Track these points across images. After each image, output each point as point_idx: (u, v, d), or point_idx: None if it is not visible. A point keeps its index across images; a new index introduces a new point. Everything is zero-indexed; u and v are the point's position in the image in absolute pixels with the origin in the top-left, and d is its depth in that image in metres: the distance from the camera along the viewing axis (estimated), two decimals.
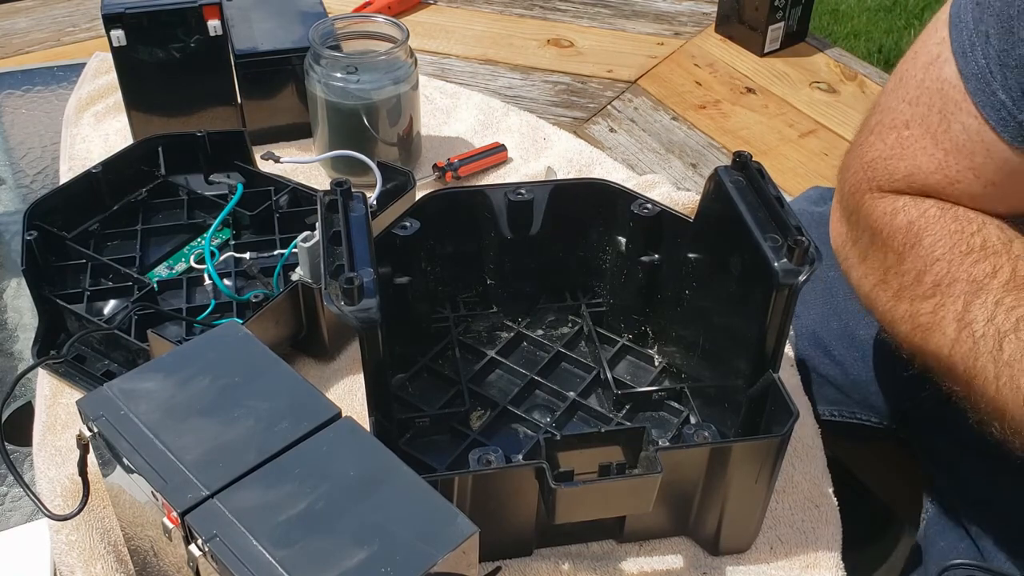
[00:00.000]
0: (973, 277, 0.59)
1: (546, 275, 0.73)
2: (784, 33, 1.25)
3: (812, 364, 0.82)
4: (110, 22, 0.87)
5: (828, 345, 0.81)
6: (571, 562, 0.61)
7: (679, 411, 0.68)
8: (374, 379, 0.55)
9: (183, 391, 0.50)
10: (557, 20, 1.33)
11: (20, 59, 1.19)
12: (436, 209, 0.68)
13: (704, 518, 0.60)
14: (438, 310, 0.73)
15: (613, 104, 1.16)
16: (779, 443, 0.56)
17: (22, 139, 1.06)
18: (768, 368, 0.59)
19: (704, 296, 0.66)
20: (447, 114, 1.05)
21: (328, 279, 0.53)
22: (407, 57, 0.89)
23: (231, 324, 0.55)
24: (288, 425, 0.48)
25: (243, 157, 0.85)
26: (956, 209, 0.62)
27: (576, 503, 0.54)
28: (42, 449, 0.67)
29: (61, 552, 0.60)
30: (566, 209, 0.70)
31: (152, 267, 0.78)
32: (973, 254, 0.59)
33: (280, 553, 0.42)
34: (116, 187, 0.82)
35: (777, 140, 1.11)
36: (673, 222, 0.67)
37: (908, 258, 0.62)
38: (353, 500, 0.45)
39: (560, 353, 0.72)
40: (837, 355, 0.81)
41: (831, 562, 0.62)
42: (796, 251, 0.55)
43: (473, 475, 0.54)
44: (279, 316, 0.70)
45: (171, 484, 0.45)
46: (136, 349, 0.69)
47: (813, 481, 0.67)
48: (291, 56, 0.92)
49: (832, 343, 0.81)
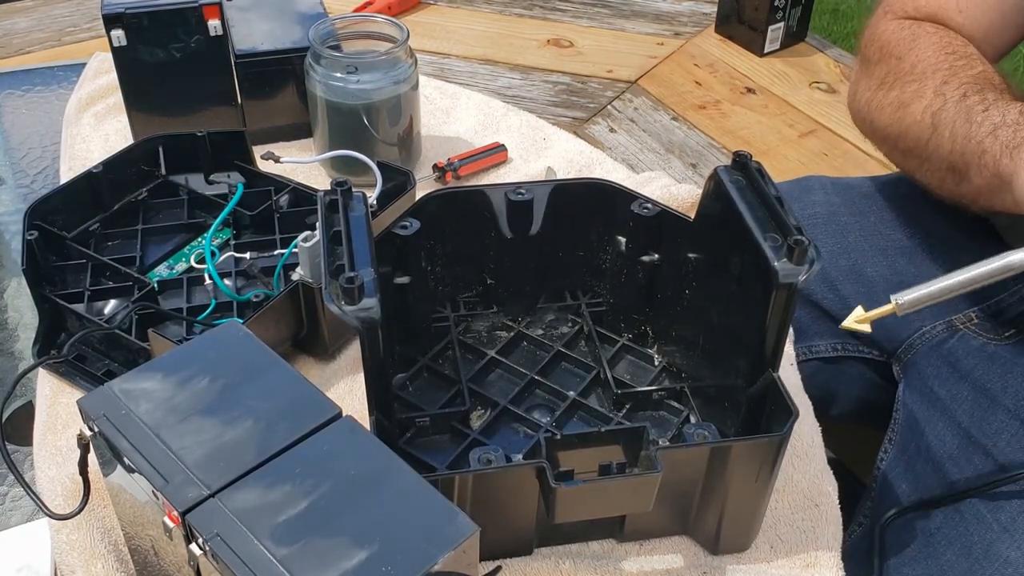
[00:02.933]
0: (954, 68, 0.72)
1: (546, 275, 0.73)
2: (784, 33, 1.25)
3: (817, 299, 0.85)
4: (110, 22, 0.87)
5: (835, 281, 0.84)
6: (571, 561, 0.61)
7: (679, 410, 0.68)
8: (374, 379, 0.55)
9: (184, 390, 0.50)
10: (557, 20, 1.33)
11: (20, 59, 1.19)
12: (436, 209, 0.68)
13: (704, 517, 0.60)
14: (438, 310, 0.73)
15: (613, 104, 1.16)
16: (779, 442, 0.56)
17: (22, 139, 1.06)
18: (768, 368, 0.59)
19: (704, 296, 0.66)
20: (447, 114, 1.05)
21: (328, 279, 0.53)
22: (407, 57, 0.89)
23: (231, 324, 0.55)
24: (288, 424, 0.48)
25: (243, 157, 0.85)
26: (957, 34, 0.75)
27: (576, 502, 0.54)
28: (42, 449, 0.67)
29: (62, 551, 0.60)
30: (566, 209, 0.70)
31: (152, 267, 0.78)
32: (962, 59, 0.72)
33: (281, 552, 0.42)
34: (116, 187, 0.82)
35: (777, 140, 1.11)
36: (673, 222, 0.67)
37: (907, 57, 0.74)
38: (354, 499, 0.45)
39: (560, 353, 0.72)
40: (843, 291, 0.84)
41: (831, 561, 0.62)
42: (796, 251, 0.55)
43: (474, 475, 0.54)
44: (279, 316, 0.70)
45: (172, 483, 0.46)
46: (136, 349, 0.69)
47: (813, 480, 0.67)
48: (291, 56, 0.92)
49: (839, 279, 0.84)
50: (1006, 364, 0.74)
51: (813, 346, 0.85)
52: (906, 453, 0.76)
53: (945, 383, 0.76)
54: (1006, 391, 0.72)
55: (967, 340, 0.77)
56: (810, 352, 0.85)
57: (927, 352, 0.79)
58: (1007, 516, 0.66)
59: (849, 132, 1.12)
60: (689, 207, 0.89)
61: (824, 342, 0.85)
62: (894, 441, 0.78)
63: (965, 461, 0.71)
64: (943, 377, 0.77)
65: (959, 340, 0.78)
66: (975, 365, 0.75)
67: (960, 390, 0.75)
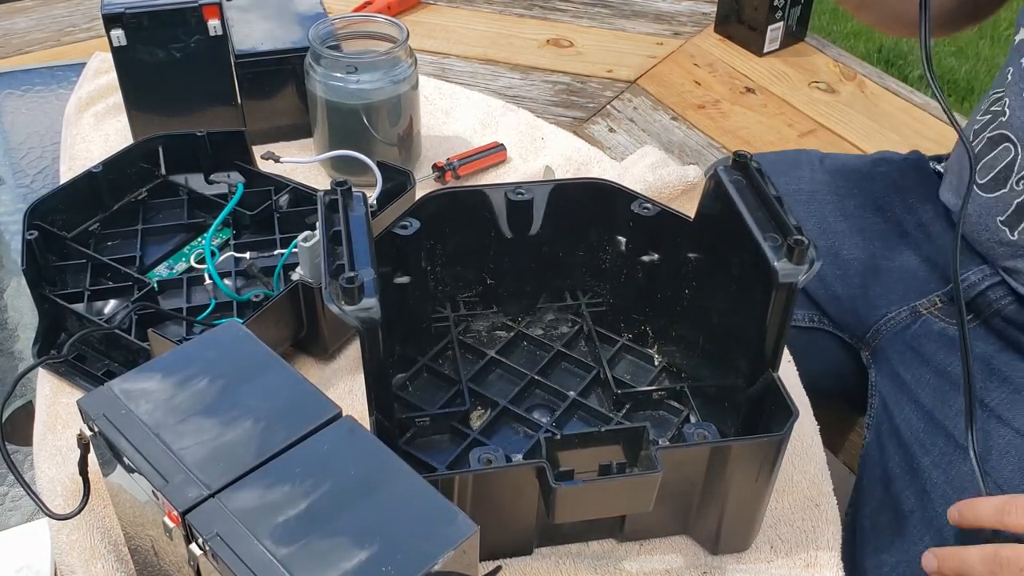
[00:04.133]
0: None
1: (546, 275, 0.73)
2: (784, 33, 1.25)
3: None
4: (110, 22, 0.87)
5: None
6: (571, 561, 0.61)
7: (679, 410, 0.68)
8: (374, 379, 0.55)
9: (183, 390, 0.50)
10: (557, 20, 1.33)
11: (20, 59, 1.19)
12: (436, 209, 0.68)
13: (704, 517, 0.60)
14: (438, 310, 0.74)
15: (613, 104, 1.16)
16: (779, 442, 0.56)
17: (22, 139, 1.06)
18: (768, 367, 0.59)
19: (704, 296, 0.66)
20: (447, 114, 1.05)
21: (328, 279, 0.53)
22: (407, 57, 0.89)
23: (231, 324, 0.55)
24: (288, 424, 0.48)
25: (243, 157, 0.85)
26: None
27: (576, 502, 0.54)
28: (42, 448, 0.67)
29: (61, 551, 0.60)
30: (566, 209, 0.70)
31: (152, 267, 0.78)
32: None
33: (281, 552, 0.42)
34: (116, 187, 0.82)
35: (777, 140, 1.11)
36: (673, 222, 0.67)
37: None
38: (354, 499, 0.45)
39: (560, 353, 0.72)
40: (820, 271, 0.84)
41: (831, 561, 0.62)
42: (796, 251, 0.55)
43: (474, 475, 0.54)
44: (279, 316, 0.70)
45: (172, 483, 0.46)
46: (136, 349, 0.69)
47: (812, 480, 0.67)
48: (291, 56, 0.92)
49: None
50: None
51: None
52: (880, 437, 0.78)
53: (910, 367, 0.78)
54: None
55: (929, 325, 0.80)
56: None
57: (892, 337, 0.82)
58: (971, 496, 0.67)
59: (849, 132, 1.12)
60: (679, 194, 0.90)
61: (800, 312, 0.87)
62: (871, 426, 0.80)
63: (930, 443, 0.73)
64: (907, 361, 0.79)
65: (922, 325, 0.80)
66: (936, 349, 0.78)
67: (923, 374, 0.77)
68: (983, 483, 0.65)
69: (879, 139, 1.11)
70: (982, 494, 0.64)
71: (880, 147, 1.03)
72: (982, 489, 0.65)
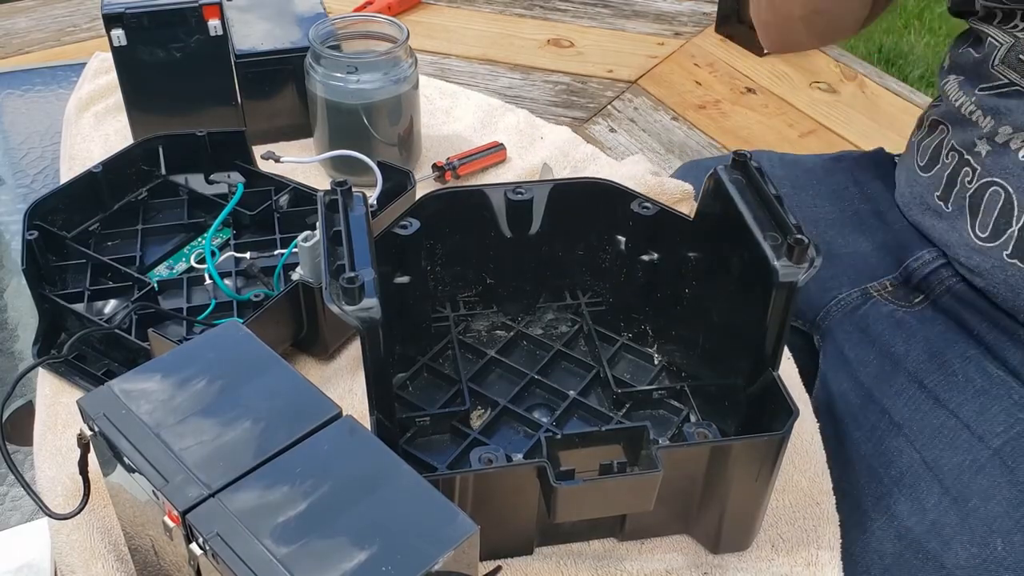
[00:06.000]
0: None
1: (546, 274, 0.73)
2: None
3: None
4: (110, 22, 0.87)
5: None
6: (572, 561, 0.61)
7: (679, 410, 0.68)
8: (375, 378, 0.55)
9: (184, 390, 0.50)
10: (557, 20, 1.33)
11: (20, 59, 1.20)
12: (436, 208, 0.68)
13: (705, 516, 0.60)
14: (438, 310, 0.73)
15: (613, 104, 1.16)
16: (779, 441, 0.56)
17: (22, 139, 1.06)
18: (768, 367, 0.59)
19: (704, 295, 0.66)
20: (447, 114, 1.05)
21: (329, 279, 0.53)
22: (407, 57, 0.89)
23: (231, 324, 0.55)
24: (288, 424, 0.48)
25: (243, 157, 0.85)
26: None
27: (577, 502, 0.54)
28: (42, 448, 0.67)
29: (61, 551, 0.60)
30: (566, 208, 0.70)
31: (152, 267, 0.78)
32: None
33: (281, 552, 0.42)
34: (116, 187, 0.82)
35: (777, 140, 1.11)
36: (673, 221, 0.67)
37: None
38: (354, 499, 0.45)
39: (560, 352, 0.72)
40: None
41: (832, 560, 0.62)
42: (796, 250, 0.55)
43: (474, 474, 0.54)
44: (279, 316, 0.70)
45: (172, 483, 0.46)
46: (136, 348, 0.69)
47: (813, 479, 0.67)
48: (291, 56, 0.92)
49: None
50: (911, 329, 0.77)
51: None
52: (818, 415, 0.78)
53: (855, 347, 0.79)
54: (908, 355, 0.75)
55: (878, 307, 0.81)
56: None
57: (842, 319, 0.82)
58: (896, 471, 0.69)
59: (849, 132, 1.12)
60: (677, 200, 0.90)
61: None
62: (814, 407, 0.80)
63: (863, 419, 0.74)
64: (853, 341, 0.80)
65: (871, 306, 0.81)
66: (883, 330, 0.78)
67: (867, 354, 0.78)
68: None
69: (879, 139, 1.11)
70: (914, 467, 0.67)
71: (880, 146, 1.03)
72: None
